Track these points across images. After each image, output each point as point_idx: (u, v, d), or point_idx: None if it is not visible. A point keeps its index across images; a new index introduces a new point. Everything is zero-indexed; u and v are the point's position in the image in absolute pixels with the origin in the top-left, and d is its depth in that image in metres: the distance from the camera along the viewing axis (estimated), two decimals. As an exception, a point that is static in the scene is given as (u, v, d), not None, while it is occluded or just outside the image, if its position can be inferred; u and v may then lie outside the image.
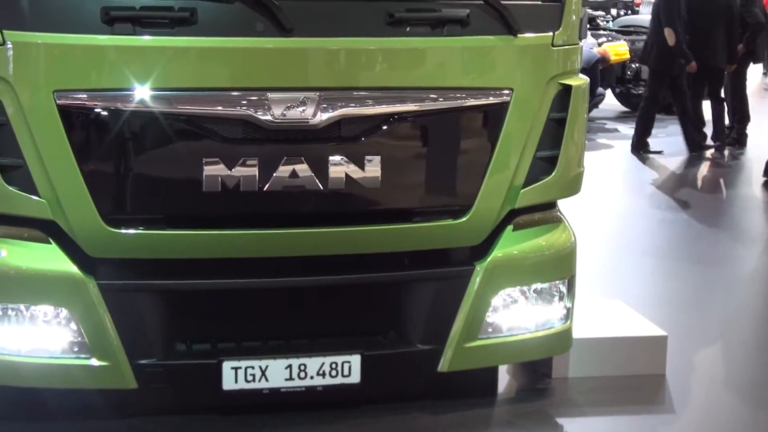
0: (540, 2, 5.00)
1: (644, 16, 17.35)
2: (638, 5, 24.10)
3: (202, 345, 4.87)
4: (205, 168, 4.56)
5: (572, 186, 5.30)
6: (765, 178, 11.14)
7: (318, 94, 4.60)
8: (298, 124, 4.59)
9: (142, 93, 4.50)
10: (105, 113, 4.53)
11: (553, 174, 5.11)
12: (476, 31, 4.82)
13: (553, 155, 5.10)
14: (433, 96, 4.82)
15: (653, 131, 14.53)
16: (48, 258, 4.67)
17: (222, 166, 4.58)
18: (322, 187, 4.68)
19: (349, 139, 4.72)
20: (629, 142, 13.91)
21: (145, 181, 4.67)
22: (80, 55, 4.49)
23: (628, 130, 14.78)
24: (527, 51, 4.94)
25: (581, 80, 5.17)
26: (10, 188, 4.54)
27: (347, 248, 4.88)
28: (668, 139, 13.96)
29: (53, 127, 4.47)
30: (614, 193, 10.85)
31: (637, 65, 15.71)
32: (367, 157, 4.73)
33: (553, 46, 4.99)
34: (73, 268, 4.64)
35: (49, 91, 4.44)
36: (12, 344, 4.71)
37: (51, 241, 4.67)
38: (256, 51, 4.60)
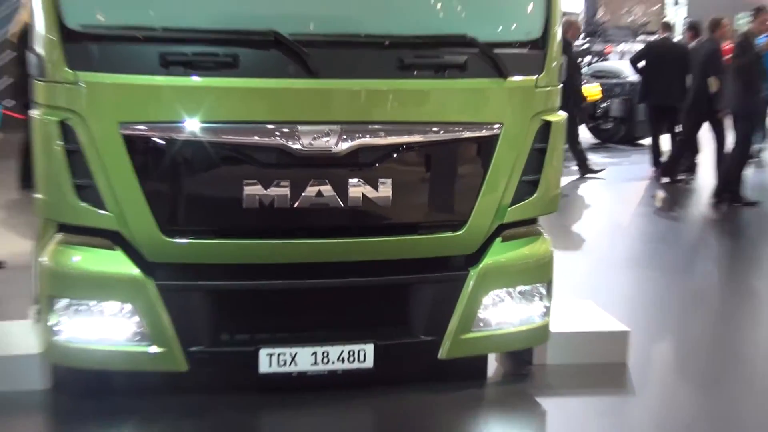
0: (526, 51, 5.00)
1: (613, 63, 17.39)
2: (608, 53, 24.07)
3: (243, 335, 4.92)
4: (245, 188, 4.62)
5: (551, 205, 5.32)
6: (713, 200, 11.14)
7: (340, 126, 4.65)
8: (323, 152, 4.64)
9: (193, 125, 4.56)
10: (162, 142, 4.59)
11: (535, 195, 5.14)
12: (473, 75, 4.85)
13: (535, 179, 5.12)
14: (436, 129, 4.86)
15: (620, 159, 14.65)
16: (114, 262, 4.72)
17: (259, 186, 4.64)
18: (342, 205, 4.72)
19: (366, 164, 4.75)
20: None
21: (196, 198, 4.74)
22: (141, 93, 4.56)
23: (598, 159, 14.76)
24: (515, 92, 4.97)
25: (560, 116, 5.20)
26: (83, 204, 4.60)
27: (363, 256, 4.92)
28: (633, 167, 13.97)
29: (118, 153, 4.53)
30: (588, 211, 10.84)
31: (607, 104, 15.73)
32: (381, 180, 4.77)
33: (536, 87, 5.02)
34: (135, 271, 4.70)
35: (115, 122, 4.50)
36: (85, 334, 4.78)
37: (116, 248, 4.71)
38: (287, 90, 4.64)
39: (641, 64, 13.20)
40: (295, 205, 4.66)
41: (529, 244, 5.28)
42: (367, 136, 4.70)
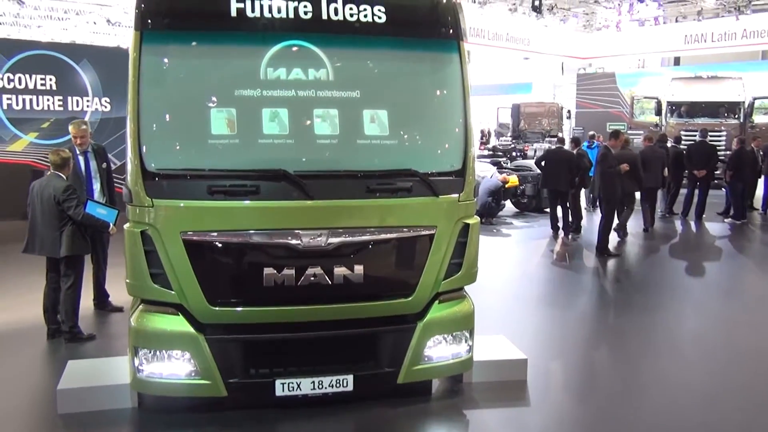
0: (452, 178, 4.81)
1: (526, 161, 17.12)
2: (526, 150, 23.76)
3: (264, 370, 4.69)
4: (265, 272, 4.47)
5: (471, 278, 5.08)
6: (596, 255, 10.83)
7: (328, 231, 4.50)
8: (316, 247, 4.48)
9: (230, 232, 4.43)
10: (209, 243, 4.43)
11: (460, 273, 4.94)
12: (416, 195, 4.70)
13: (459, 262, 4.92)
14: (393, 231, 4.69)
15: (532, 223, 14.38)
16: (177, 324, 4.56)
17: (274, 270, 4.47)
18: (330, 282, 4.56)
19: (346, 255, 4.59)
20: (519, 231, 13.63)
21: (232, 280, 4.57)
22: (195, 212, 4.42)
23: (519, 223, 14.54)
24: (444, 205, 4.80)
25: (475, 220, 4.99)
26: (155, 286, 4.45)
27: (346, 315, 4.72)
28: (540, 229, 13.69)
29: (180, 251, 4.40)
30: (506, 262, 10.57)
31: (523, 187, 15.52)
32: (356, 266, 4.62)
33: (458, 202, 4.84)
34: (191, 329, 4.53)
35: (177, 231, 4.37)
36: (158, 372, 4.61)
37: (178, 314, 4.53)
38: (293, 208, 4.50)
39: (542, 163, 13.00)
40: (298, 283, 4.50)
41: (458, 305, 5.04)
42: (346, 236, 4.55)
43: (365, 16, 4.66)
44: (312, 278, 4.50)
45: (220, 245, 4.41)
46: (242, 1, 4.48)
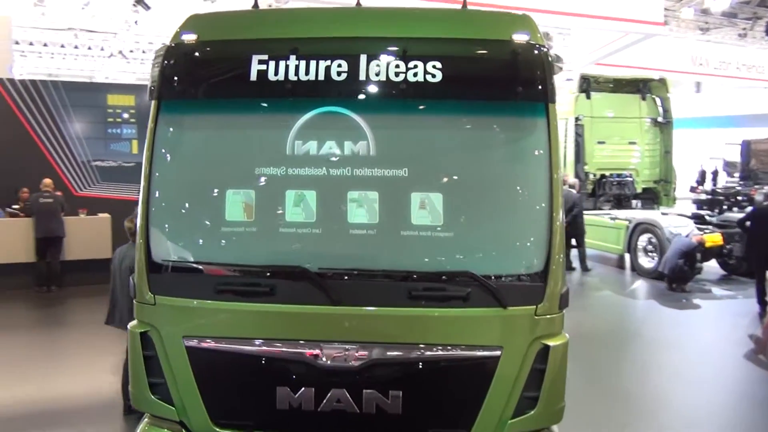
0: (527, 283, 3.67)
1: (734, 214, 14.54)
2: (753, 194, 20.53)
3: None
4: (279, 390, 3.68)
5: (554, 417, 3.82)
6: None
7: (357, 345, 3.62)
8: (342, 366, 3.61)
9: (239, 340, 3.72)
10: (215, 352, 3.75)
11: (536, 410, 3.73)
12: (475, 304, 3.62)
13: (536, 396, 3.71)
14: (440, 350, 3.65)
15: (737, 292, 12.08)
16: None
17: (290, 391, 3.67)
18: (358, 411, 3.66)
19: (379, 377, 3.65)
20: (716, 302, 11.50)
21: (240, 397, 3.84)
22: (199, 314, 3.76)
23: (720, 291, 12.32)
24: (515, 320, 3.66)
25: (561, 339, 3.75)
26: (154, 398, 3.85)
27: None
28: (745, 301, 11.40)
29: (182, 359, 3.75)
30: (684, 348, 8.64)
31: (731, 246, 13.16)
32: (392, 391, 3.64)
33: (536, 315, 3.65)
34: None
35: (180, 335, 3.74)
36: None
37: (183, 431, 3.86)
38: (314, 315, 3.67)
39: (747, 224, 10.82)
40: (319, 408, 3.66)
41: (533, 451, 3.81)
42: (380, 353, 3.61)
43: (415, 75, 3.73)
44: (336, 403, 3.64)
45: (226, 355, 3.71)
46: (265, 63, 3.79)
